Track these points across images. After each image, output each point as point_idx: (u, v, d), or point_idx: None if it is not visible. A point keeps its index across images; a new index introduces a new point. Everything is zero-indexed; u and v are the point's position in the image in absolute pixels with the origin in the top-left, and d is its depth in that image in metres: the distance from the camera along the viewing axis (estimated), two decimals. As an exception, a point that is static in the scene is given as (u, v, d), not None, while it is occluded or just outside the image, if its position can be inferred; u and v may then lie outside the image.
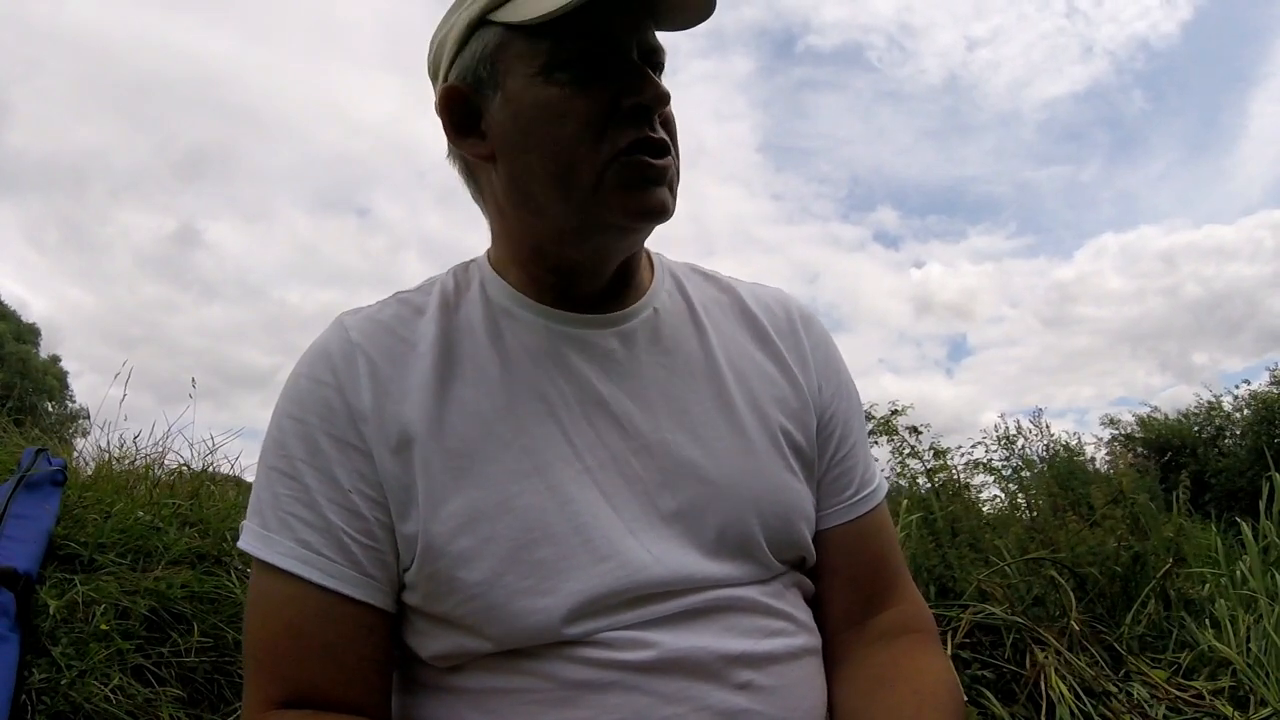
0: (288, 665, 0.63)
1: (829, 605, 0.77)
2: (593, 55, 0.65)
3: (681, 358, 0.75)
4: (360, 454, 0.65)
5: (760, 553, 0.70)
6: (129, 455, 2.39)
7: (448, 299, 0.74)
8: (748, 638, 0.66)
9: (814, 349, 0.82)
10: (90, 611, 1.41)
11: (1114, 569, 2.20)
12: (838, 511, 0.78)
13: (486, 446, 0.66)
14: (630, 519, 0.67)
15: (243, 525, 0.67)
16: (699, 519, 0.68)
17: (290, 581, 0.63)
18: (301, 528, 0.64)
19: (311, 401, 0.67)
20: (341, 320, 0.71)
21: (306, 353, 0.70)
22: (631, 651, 0.63)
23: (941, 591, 2.15)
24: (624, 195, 0.66)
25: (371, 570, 0.64)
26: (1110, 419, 9.82)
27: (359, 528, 0.64)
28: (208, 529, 1.89)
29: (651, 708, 0.61)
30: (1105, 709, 1.74)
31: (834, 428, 0.79)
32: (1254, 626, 1.99)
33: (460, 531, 0.63)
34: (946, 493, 2.83)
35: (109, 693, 1.30)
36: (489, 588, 0.62)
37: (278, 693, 0.63)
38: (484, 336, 0.71)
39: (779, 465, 0.74)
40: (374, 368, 0.68)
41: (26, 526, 1.54)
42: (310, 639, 0.63)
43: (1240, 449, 8.54)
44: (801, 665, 0.70)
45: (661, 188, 0.67)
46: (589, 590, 0.63)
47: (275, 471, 0.66)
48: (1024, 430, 4.13)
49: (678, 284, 0.81)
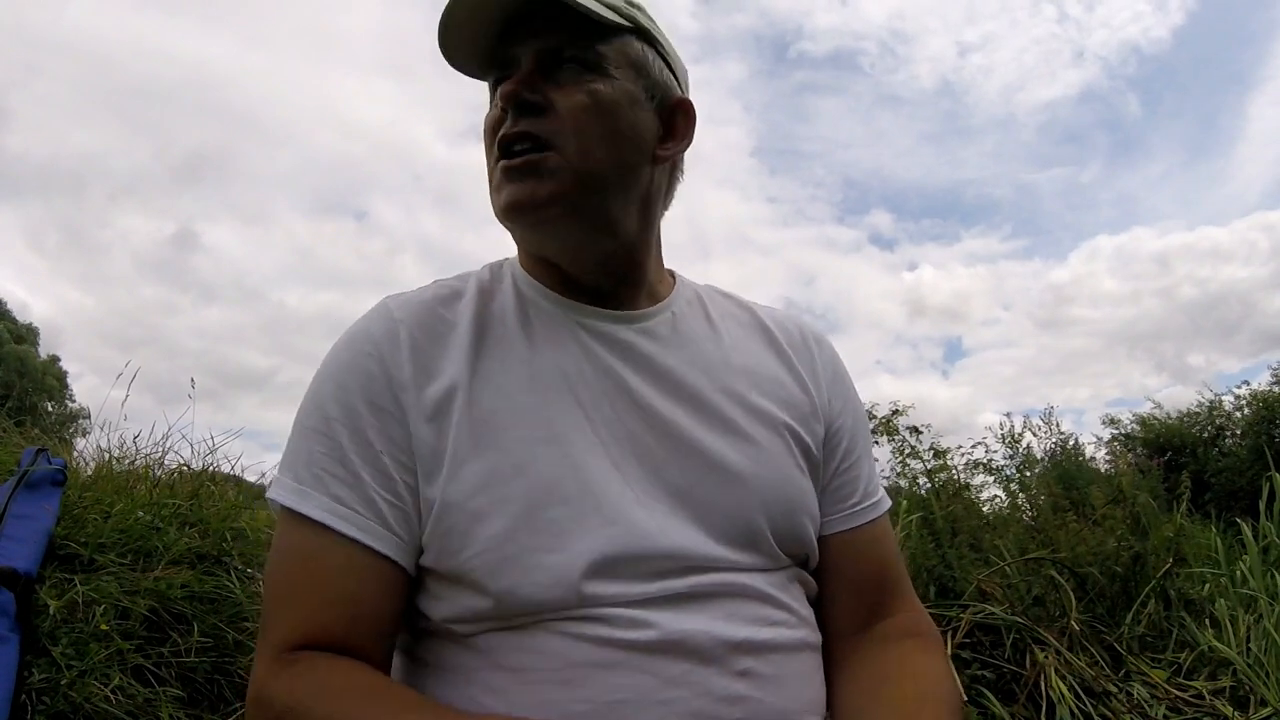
0: (307, 611, 0.65)
1: (833, 609, 0.79)
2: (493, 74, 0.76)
3: (697, 354, 0.79)
4: (395, 420, 0.69)
5: (765, 542, 0.72)
6: (129, 455, 2.38)
7: (484, 287, 0.79)
8: (749, 625, 0.68)
9: (824, 365, 0.86)
10: (90, 611, 1.41)
11: (1114, 569, 2.20)
12: (843, 518, 0.81)
13: (508, 416, 0.69)
14: (641, 491, 0.69)
15: (272, 479, 0.71)
16: (707, 501, 0.71)
17: (319, 533, 0.66)
18: (333, 483, 0.67)
19: (353, 370, 0.71)
20: (385, 302, 0.77)
21: (350, 328, 0.75)
22: (635, 631, 0.64)
23: (941, 591, 2.15)
24: (496, 195, 0.73)
25: (396, 528, 0.67)
26: (1110, 419, 9.81)
27: (387, 487, 0.67)
28: (208, 529, 1.89)
29: (654, 690, 0.63)
30: (1105, 709, 1.74)
31: (841, 439, 0.83)
32: (1254, 626, 1.99)
33: (478, 491, 0.66)
34: (946, 493, 2.83)
35: (109, 693, 1.30)
36: (501, 542, 0.65)
37: (294, 637, 0.65)
38: (514, 321, 0.76)
39: (787, 461, 0.77)
40: (414, 341, 0.72)
41: (26, 526, 1.54)
42: (332, 587, 0.65)
43: (1240, 449, 8.53)
44: (801, 658, 0.71)
45: (517, 184, 0.72)
46: (597, 549, 0.65)
47: (312, 431, 0.69)
48: (1032, 428, 4.13)
49: (696, 296, 0.87)
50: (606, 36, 0.74)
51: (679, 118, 0.80)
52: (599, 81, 0.72)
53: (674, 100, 0.80)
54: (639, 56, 0.76)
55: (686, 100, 0.81)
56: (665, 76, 0.79)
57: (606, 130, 0.72)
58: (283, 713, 0.61)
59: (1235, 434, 9.02)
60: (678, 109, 0.80)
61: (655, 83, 0.77)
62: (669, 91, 0.79)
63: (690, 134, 0.82)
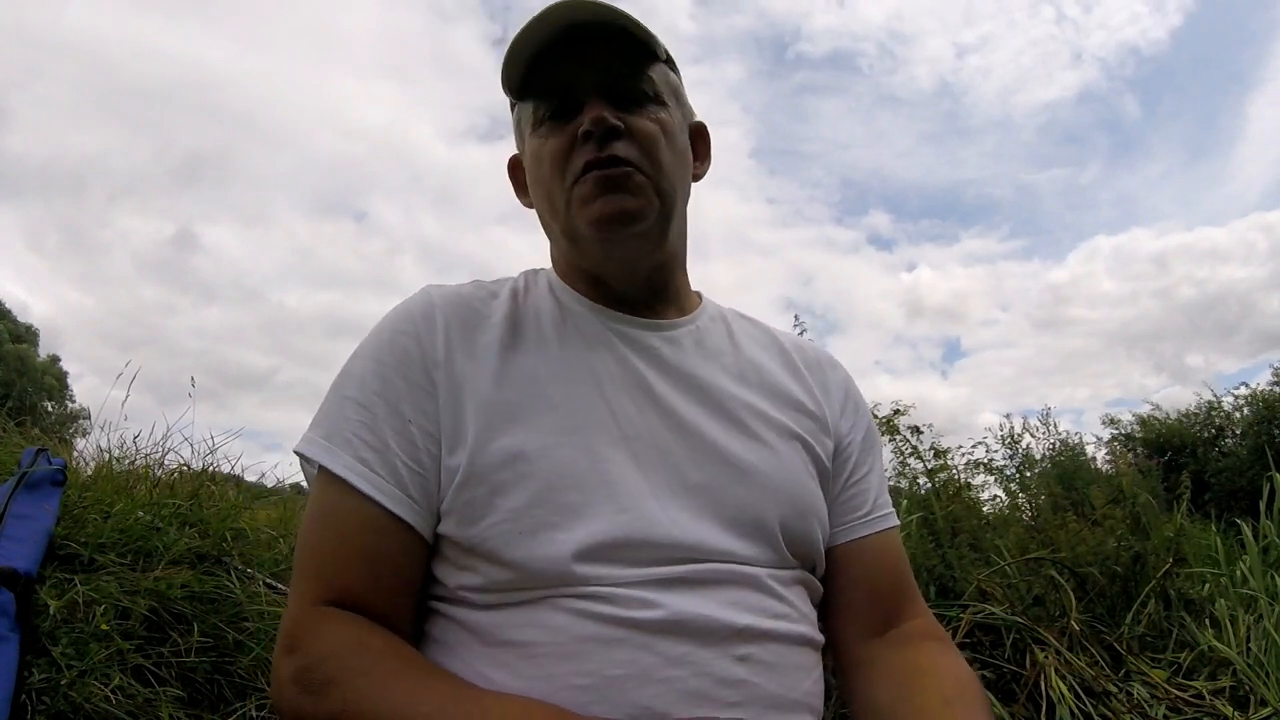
0: (331, 568, 0.69)
1: (850, 614, 0.81)
2: (559, 100, 0.78)
3: (717, 363, 0.83)
4: (427, 395, 0.73)
5: (774, 540, 0.74)
6: (129, 455, 2.38)
7: (518, 290, 0.85)
8: (751, 613, 0.69)
9: (837, 386, 0.90)
10: (90, 611, 1.41)
11: (1114, 569, 2.20)
12: (855, 526, 0.84)
13: (537, 404, 0.73)
14: (656, 484, 0.72)
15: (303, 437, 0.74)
16: (721, 496, 0.74)
17: (345, 492, 0.70)
18: (362, 447, 0.71)
19: (392, 347, 0.76)
20: (427, 289, 0.82)
21: (393, 310, 0.80)
22: (639, 610, 0.66)
23: (941, 591, 2.15)
24: (585, 207, 0.76)
25: (415, 494, 0.71)
26: (1111, 419, 9.81)
27: (411, 454, 0.71)
28: (208, 529, 1.89)
29: (655, 668, 0.64)
30: (1105, 709, 1.74)
31: (850, 453, 0.87)
32: (1254, 626, 2.00)
33: (503, 466, 0.70)
34: (947, 493, 2.83)
35: (109, 693, 1.30)
36: (518, 516, 0.68)
37: (323, 591, 0.68)
38: (548, 320, 0.81)
39: (799, 466, 0.80)
40: (450, 326, 0.77)
41: (26, 526, 1.54)
42: (353, 545, 0.69)
43: (1240, 449, 8.53)
44: (799, 652, 0.73)
45: (620, 194, 0.75)
46: (605, 531, 0.68)
47: (348, 400, 0.74)
48: (1030, 428, 4.14)
49: (720, 315, 0.91)
50: (652, 65, 0.80)
51: (699, 140, 0.89)
52: (659, 110, 0.80)
53: (695, 124, 0.88)
54: (675, 84, 0.84)
55: (702, 124, 0.90)
56: (687, 102, 0.86)
57: (671, 154, 0.80)
58: (321, 658, 0.64)
59: (1235, 434, 9.02)
60: (697, 133, 0.89)
61: (685, 108, 0.86)
62: (691, 116, 0.88)
63: (710, 154, 0.91)
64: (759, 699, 0.66)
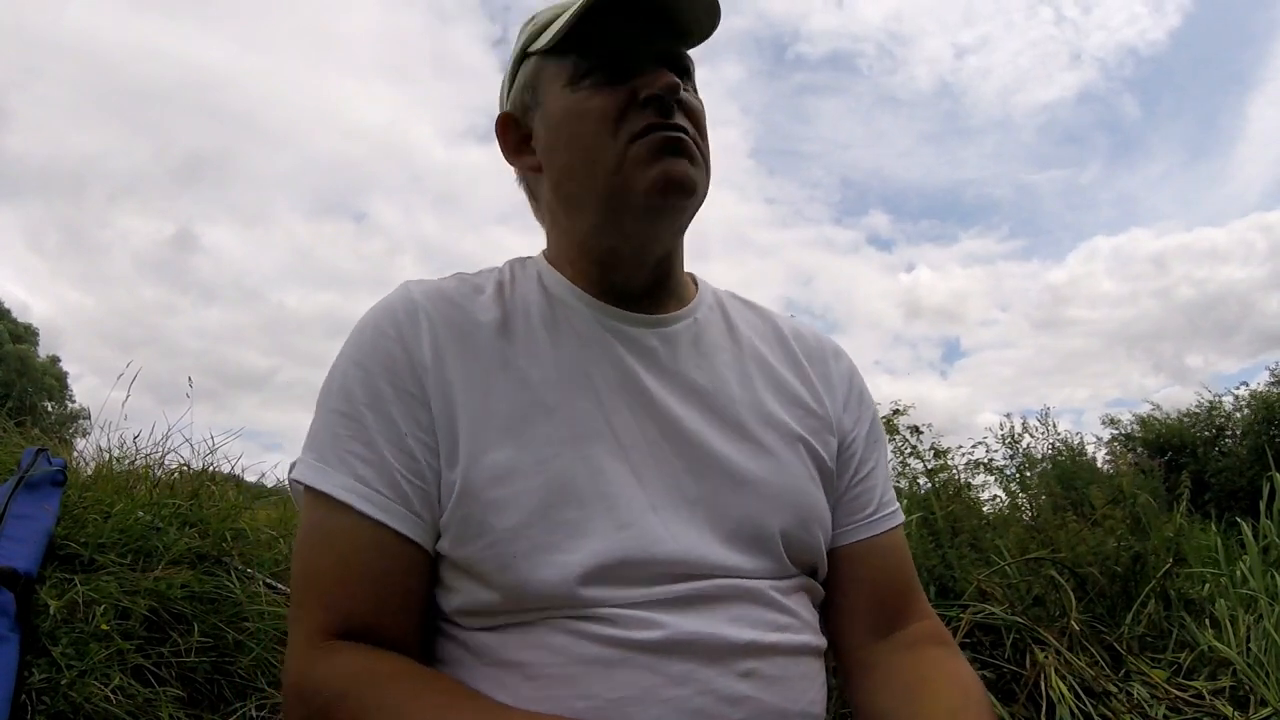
0: (335, 594, 0.65)
1: (853, 617, 0.79)
2: (609, 61, 0.73)
3: (717, 364, 0.80)
4: (418, 402, 0.69)
5: (775, 550, 0.72)
6: (129, 455, 2.38)
7: (504, 284, 0.79)
8: (754, 628, 0.68)
9: (840, 378, 0.87)
10: (90, 611, 1.41)
11: (1114, 569, 2.20)
12: (860, 527, 0.81)
13: (531, 412, 0.70)
14: (654, 496, 0.69)
15: (296, 461, 0.70)
16: (720, 508, 0.71)
17: (344, 514, 0.66)
18: (358, 464, 0.67)
19: (375, 352, 0.71)
20: (407, 285, 0.77)
21: (372, 310, 0.75)
22: (641, 631, 0.64)
23: (941, 591, 2.15)
24: (645, 168, 0.71)
25: (420, 509, 0.67)
26: (1111, 419, 9.81)
27: (411, 468, 0.67)
28: (208, 529, 1.89)
29: (658, 688, 0.63)
30: (1105, 709, 1.74)
31: (854, 451, 0.83)
32: (1254, 626, 2.00)
33: (496, 482, 0.66)
34: (947, 493, 2.83)
35: (109, 693, 1.30)
36: (514, 536, 0.65)
37: (327, 621, 0.65)
38: (539, 317, 0.76)
39: (801, 472, 0.77)
40: (434, 326, 0.72)
41: (26, 526, 1.54)
42: (358, 569, 0.65)
43: (1240, 449, 8.53)
44: (804, 661, 0.71)
45: (682, 159, 0.72)
46: (605, 553, 0.65)
47: (336, 413, 0.69)
48: (1030, 428, 4.14)
49: (719, 302, 0.87)
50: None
51: None
52: (697, 91, 0.79)
53: None
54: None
55: None
56: None
57: (706, 136, 0.77)
58: (332, 700, 0.61)
59: (1235, 434, 9.02)
60: None
61: None
62: None
63: None
64: (763, 713, 0.65)
